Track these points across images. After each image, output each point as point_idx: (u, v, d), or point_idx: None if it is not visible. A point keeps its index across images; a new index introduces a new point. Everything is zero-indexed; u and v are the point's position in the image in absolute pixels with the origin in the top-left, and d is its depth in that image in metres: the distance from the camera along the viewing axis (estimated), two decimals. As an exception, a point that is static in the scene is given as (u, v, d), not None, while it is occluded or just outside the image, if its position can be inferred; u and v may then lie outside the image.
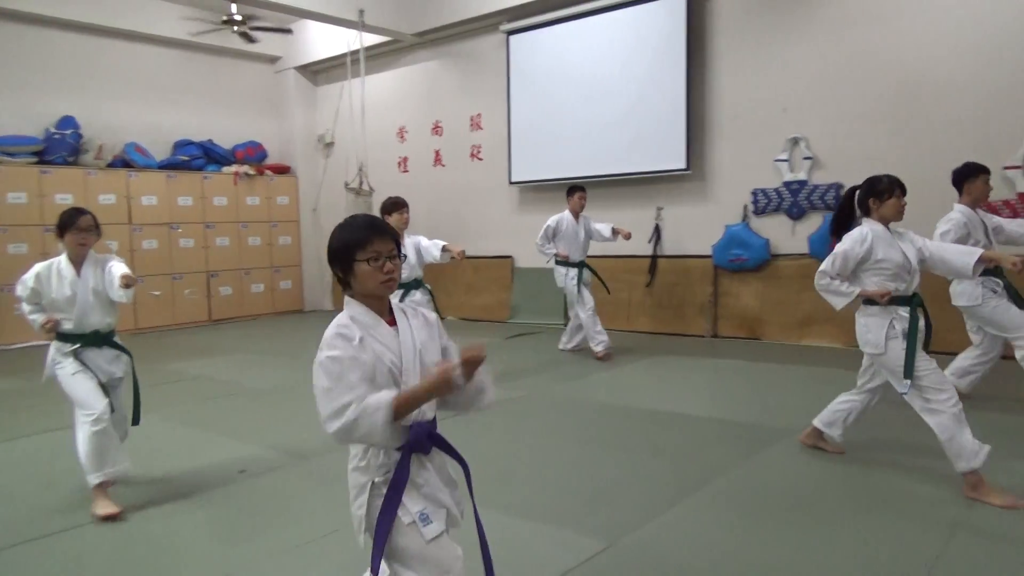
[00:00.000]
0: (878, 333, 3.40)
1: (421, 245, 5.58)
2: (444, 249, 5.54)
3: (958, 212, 4.44)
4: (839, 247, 3.49)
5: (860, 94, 6.78)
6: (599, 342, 6.63)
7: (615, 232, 6.77)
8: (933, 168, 5.78)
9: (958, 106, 6.30)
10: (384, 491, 1.89)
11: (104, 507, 3.34)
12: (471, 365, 1.78)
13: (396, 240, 1.94)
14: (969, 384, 4.68)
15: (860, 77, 6.76)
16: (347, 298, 1.95)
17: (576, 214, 6.78)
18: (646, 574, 2.68)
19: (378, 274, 1.88)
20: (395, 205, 5.37)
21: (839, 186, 6.91)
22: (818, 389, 4.94)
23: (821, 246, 6.93)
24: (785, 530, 2.99)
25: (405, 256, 5.37)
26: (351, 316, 1.90)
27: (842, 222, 3.62)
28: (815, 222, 7.08)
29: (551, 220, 6.79)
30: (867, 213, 3.53)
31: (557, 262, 6.78)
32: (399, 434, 1.84)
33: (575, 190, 6.82)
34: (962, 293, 4.47)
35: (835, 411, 3.78)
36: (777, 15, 7.19)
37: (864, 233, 3.44)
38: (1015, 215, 5.89)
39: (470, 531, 2.03)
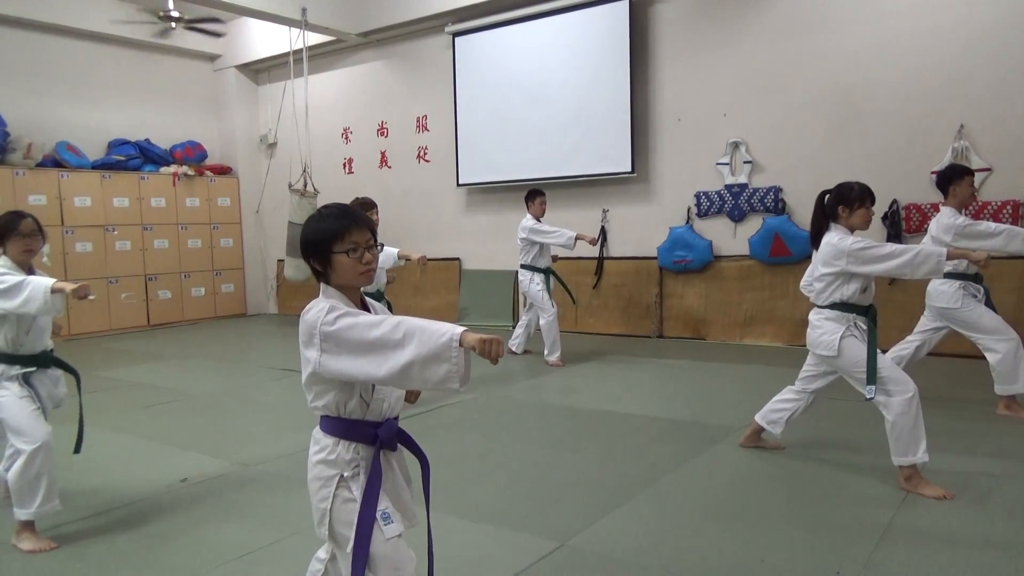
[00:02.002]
0: (833, 336, 3.41)
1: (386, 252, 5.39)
2: (401, 256, 5.42)
3: (948, 214, 4.37)
4: (865, 242, 3.32)
5: (798, 100, 6.99)
6: (554, 352, 6.58)
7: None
8: (866, 172, 5.98)
9: (890, 114, 6.55)
10: (352, 487, 1.89)
11: (32, 543, 3.05)
12: (493, 348, 1.70)
13: (372, 229, 1.93)
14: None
15: (798, 84, 6.97)
16: (323, 286, 1.92)
17: (539, 219, 6.60)
18: (596, 573, 2.71)
19: (357, 265, 1.87)
20: (364, 206, 5.03)
21: (778, 189, 7.11)
22: (760, 387, 5.08)
23: (761, 248, 7.13)
24: (727, 528, 3.06)
25: (382, 245, 5.04)
26: (329, 304, 1.85)
27: (820, 231, 3.52)
28: (755, 224, 7.26)
29: (531, 223, 6.54)
30: (835, 219, 3.47)
31: (523, 267, 6.67)
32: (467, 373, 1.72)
33: (536, 194, 6.64)
34: (941, 294, 4.47)
35: (777, 410, 3.82)
36: (718, 22, 7.36)
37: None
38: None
39: (418, 529, 2.06)
